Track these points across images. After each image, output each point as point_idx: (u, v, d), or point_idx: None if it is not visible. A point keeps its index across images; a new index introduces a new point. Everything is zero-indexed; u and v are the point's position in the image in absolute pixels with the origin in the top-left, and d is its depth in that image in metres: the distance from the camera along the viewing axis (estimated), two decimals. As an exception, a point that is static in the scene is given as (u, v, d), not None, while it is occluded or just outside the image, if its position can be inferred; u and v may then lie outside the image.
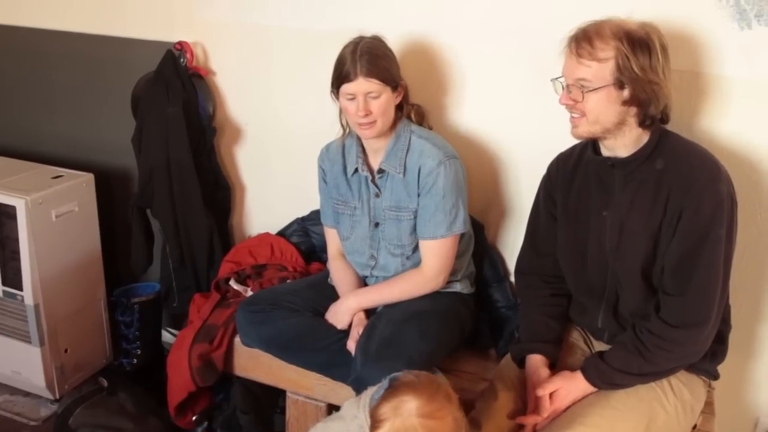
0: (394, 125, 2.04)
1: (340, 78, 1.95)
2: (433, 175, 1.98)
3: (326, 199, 2.21)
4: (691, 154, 1.67)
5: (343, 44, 1.98)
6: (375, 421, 1.53)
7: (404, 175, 2.03)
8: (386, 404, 1.53)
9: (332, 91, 2.01)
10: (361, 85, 1.92)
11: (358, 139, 2.09)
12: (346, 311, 2.08)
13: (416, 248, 2.07)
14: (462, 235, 2.08)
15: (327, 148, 2.19)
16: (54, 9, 2.78)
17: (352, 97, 1.94)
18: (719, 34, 1.89)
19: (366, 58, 1.91)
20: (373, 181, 2.08)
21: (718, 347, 1.77)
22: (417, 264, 2.08)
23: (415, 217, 2.04)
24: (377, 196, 2.09)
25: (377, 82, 1.92)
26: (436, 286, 2.07)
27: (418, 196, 2.02)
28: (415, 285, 2.07)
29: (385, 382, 1.59)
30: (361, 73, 1.91)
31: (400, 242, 2.07)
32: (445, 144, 2.05)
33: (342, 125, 2.12)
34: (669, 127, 1.72)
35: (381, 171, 2.06)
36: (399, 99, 2.03)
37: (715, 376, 1.82)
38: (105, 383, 2.55)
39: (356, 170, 2.10)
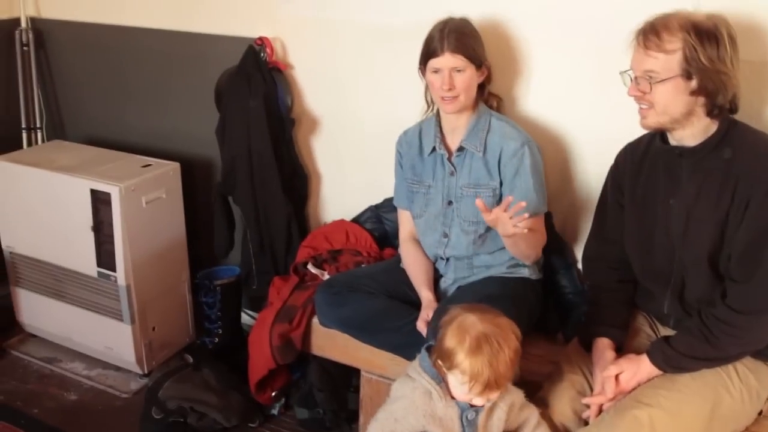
0: (474, 106, 2.12)
1: (428, 53, 2.05)
2: (518, 155, 2.05)
3: (401, 182, 2.29)
4: (760, 143, 1.67)
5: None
6: (444, 355, 1.58)
7: (484, 154, 2.09)
8: (448, 334, 1.58)
9: (419, 68, 2.10)
10: (447, 60, 2.01)
11: (437, 120, 2.17)
12: None
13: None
14: None
15: (405, 133, 2.27)
16: (145, 8, 2.91)
17: (438, 72, 2.03)
18: (790, 24, 1.87)
19: (454, 35, 2.01)
20: (449, 159, 2.15)
21: (785, 334, 1.76)
22: (487, 244, 2.13)
23: (493, 196, 2.09)
24: (452, 174, 2.15)
25: (462, 57, 2.01)
26: (539, 255, 2.14)
27: (500, 176, 2.08)
28: (539, 239, 2.11)
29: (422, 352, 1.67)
30: (448, 49, 2.00)
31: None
32: (522, 129, 2.12)
33: (427, 101, 2.20)
34: (738, 117, 1.71)
35: (460, 149, 2.12)
36: (482, 78, 2.10)
37: (782, 363, 1.81)
38: (190, 359, 2.64)
39: (433, 149, 2.17)
